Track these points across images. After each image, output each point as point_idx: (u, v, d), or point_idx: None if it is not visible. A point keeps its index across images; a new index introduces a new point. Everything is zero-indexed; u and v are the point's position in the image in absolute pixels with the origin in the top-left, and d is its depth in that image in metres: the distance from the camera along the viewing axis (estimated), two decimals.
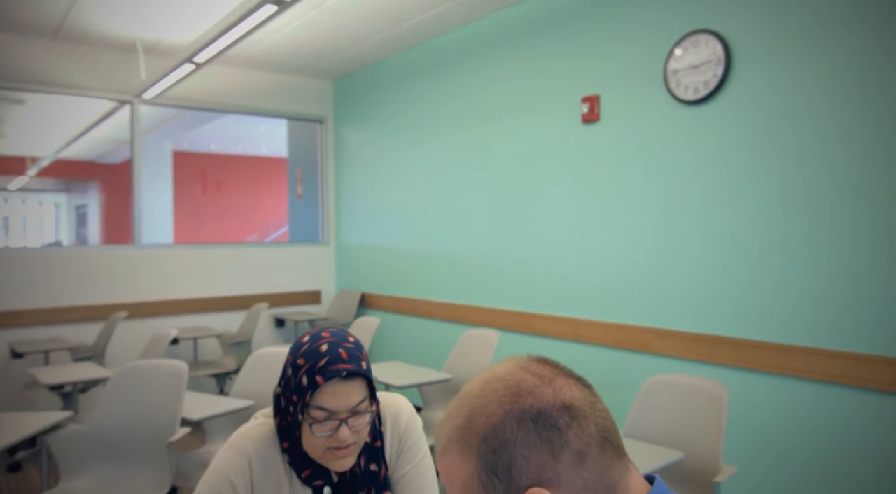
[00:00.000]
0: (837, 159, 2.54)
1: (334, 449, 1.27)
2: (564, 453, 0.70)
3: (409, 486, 1.41)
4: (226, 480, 1.28)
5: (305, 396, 1.24)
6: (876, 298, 2.44)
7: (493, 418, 0.72)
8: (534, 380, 0.73)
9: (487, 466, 0.71)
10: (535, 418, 0.70)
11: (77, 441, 2.53)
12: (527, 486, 0.69)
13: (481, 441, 0.72)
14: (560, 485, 0.69)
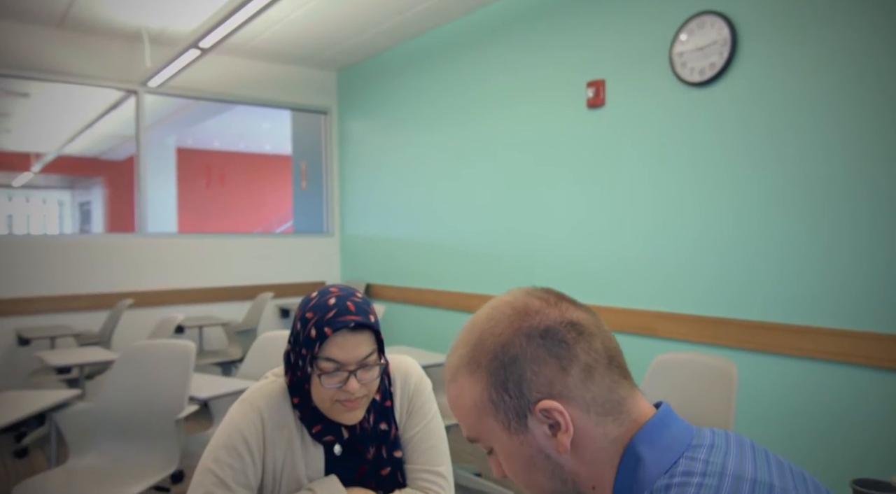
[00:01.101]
0: (842, 139, 2.54)
1: (344, 401, 1.28)
2: (573, 367, 0.70)
3: (420, 445, 1.41)
4: (239, 434, 1.28)
5: (314, 348, 1.25)
6: (880, 276, 2.43)
7: (502, 336, 0.73)
8: (540, 303, 0.75)
9: (498, 383, 0.72)
10: (544, 334, 0.72)
11: (85, 419, 2.54)
12: (537, 400, 0.70)
13: (491, 359, 0.73)
14: (569, 399, 0.70)
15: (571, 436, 0.70)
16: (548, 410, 0.70)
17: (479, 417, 0.75)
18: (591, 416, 0.70)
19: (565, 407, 0.69)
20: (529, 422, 0.71)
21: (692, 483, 0.63)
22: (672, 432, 0.70)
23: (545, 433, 0.71)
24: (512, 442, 0.73)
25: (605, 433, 0.70)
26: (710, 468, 0.64)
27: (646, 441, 0.69)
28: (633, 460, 0.68)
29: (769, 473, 0.66)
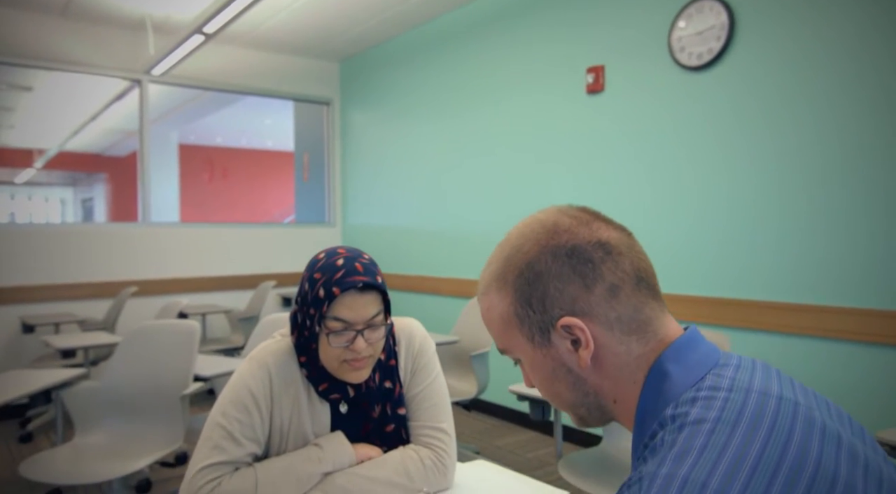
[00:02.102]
0: (839, 120, 2.56)
1: (350, 361, 1.30)
2: (598, 286, 0.71)
3: (423, 403, 1.43)
4: (247, 390, 1.31)
5: (322, 307, 1.26)
6: (878, 253, 2.45)
7: (528, 254, 0.75)
8: (571, 221, 0.75)
9: (522, 298, 0.74)
10: (570, 253, 0.72)
11: (91, 397, 2.56)
12: (560, 316, 0.72)
13: (517, 275, 0.75)
14: (592, 316, 0.71)
15: (592, 352, 0.71)
16: (569, 326, 0.71)
17: (507, 330, 0.77)
18: (615, 334, 0.72)
19: (587, 325, 0.71)
20: (552, 337, 0.73)
21: (718, 397, 0.64)
22: (700, 351, 0.71)
23: (567, 348, 0.73)
24: (536, 355, 0.75)
25: (629, 350, 0.72)
26: (736, 384, 0.65)
27: (673, 359, 0.70)
28: (660, 376, 0.70)
29: (793, 392, 0.67)
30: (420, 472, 1.35)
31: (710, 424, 0.61)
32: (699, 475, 0.57)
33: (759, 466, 0.57)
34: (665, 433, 0.64)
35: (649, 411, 0.69)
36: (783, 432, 0.60)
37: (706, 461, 0.58)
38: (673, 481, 0.57)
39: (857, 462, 0.61)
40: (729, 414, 0.61)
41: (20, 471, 2.20)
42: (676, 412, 0.65)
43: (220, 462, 1.25)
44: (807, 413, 0.63)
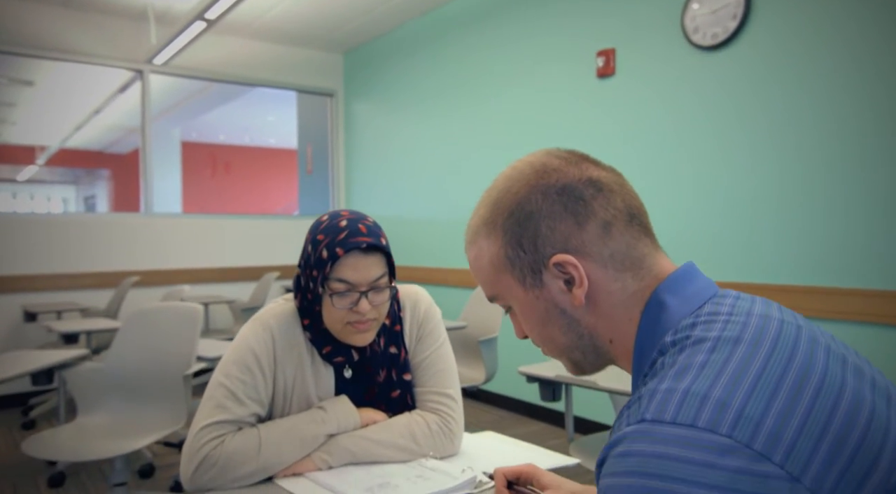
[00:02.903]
0: (858, 96, 2.53)
1: (355, 323, 1.28)
2: (590, 223, 0.70)
3: (429, 369, 1.41)
4: (250, 351, 1.29)
5: (325, 268, 1.25)
6: (887, 234, 2.43)
7: (518, 195, 0.73)
8: (560, 162, 0.74)
9: (513, 239, 0.73)
10: (561, 191, 0.71)
11: (94, 378, 2.54)
12: (551, 254, 0.70)
13: (507, 216, 0.73)
14: (585, 254, 0.70)
15: (586, 290, 0.70)
16: (562, 264, 0.70)
17: (497, 274, 0.75)
18: (609, 271, 0.70)
19: (580, 262, 0.69)
20: (544, 277, 0.72)
21: (719, 320, 0.63)
22: (697, 284, 0.70)
23: (560, 288, 0.71)
24: (528, 298, 0.74)
25: (624, 287, 0.70)
26: (736, 309, 0.64)
27: (669, 290, 0.69)
28: (657, 308, 0.68)
29: (795, 319, 0.66)
30: (426, 437, 1.33)
31: (710, 343, 0.60)
32: (700, 387, 0.55)
33: (762, 376, 0.55)
34: (665, 357, 0.63)
35: (647, 343, 0.68)
36: (787, 347, 0.59)
37: (707, 375, 0.56)
38: (673, 394, 0.56)
39: (864, 379, 0.60)
40: (730, 334, 0.60)
41: (23, 448, 2.18)
42: (676, 337, 0.64)
43: (223, 420, 1.23)
44: (810, 335, 0.62)
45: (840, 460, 0.52)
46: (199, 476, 1.19)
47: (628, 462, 0.54)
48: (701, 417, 0.53)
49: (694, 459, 0.51)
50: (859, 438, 0.53)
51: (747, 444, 0.51)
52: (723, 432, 0.52)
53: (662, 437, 0.54)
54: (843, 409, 0.55)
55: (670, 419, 0.54)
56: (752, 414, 0.52)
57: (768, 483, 0.50)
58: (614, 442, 0.58)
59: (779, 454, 0.51)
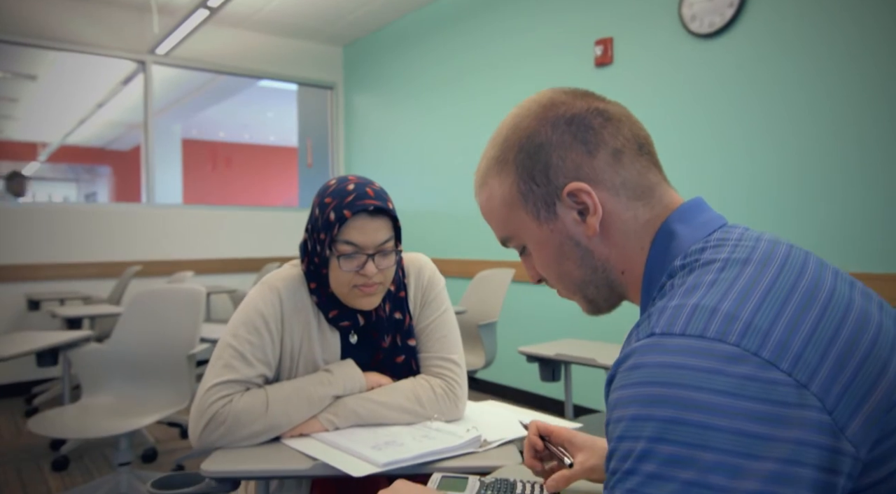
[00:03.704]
0: (853, 82, 2.55)
1: (361, 287, 1.29)
2: (601, 151, 0.71)
3: (434, 335, 1.43)
4: (258, 313, 1.30)
5: (333, 230, 1.26)
6: (886, 217, 2.45)
7: (527, 129, 0.73)
8: (566, 96, 0.75)
9: (525, 173, 0.73)
10: (570, 121, 0.72)
11: (98, 358, 2.56)
12: (564, 184, 0.71)
13: (517, 151, 0.74)
14: (598, 182, 0.70)
15: (600, 218, 0.70)
16: (575, 193, 0.70)
17: (510, 212, 0.75)
18: (621, 199, 0.71)
19: (593, 190, 0.70)
20: (558, 209, 0.72)
21: (728, 244, 0.64)
22: (707, 214, 0.71)
23: (574, 218, 0.72)
24: (542, 232, 0.74)
25: (636, 216, 0.71)
26: (745, 236, 0.65)
27: (679, 220, 0.70)
28: (667, 236, 0.69)
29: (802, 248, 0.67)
30: (431, 400, 1.35)
31: (720, 263, 0.61)
32: (709, 301, 0.56)
33: (770, 292, 0.56)
34: (675, 279, 0.64)
35: (657, 269, 0.69)
36: (795, 267, 0.60)
37: (716, 291, 0.57)
38: (682, 309, 0.57)
39: (871, 300, 0.61)
40: (739, 255, 0.61)
41: (29, 426, 2.20)
42: (685, 261, 0.65)
43: (231, 380, 1.25)
44: (818, 259, 0.63)
45: (847, 369, 0.53)
46: (208, 434, 1.21)
47: (638, 373, 0.55)
48: (710, 328, 0.54)
49: (702, 366, 0.52)
50: (866, 350, 0.54)
51: (755, 352, 0.52)
52: (731, 341, 0.53)
53: (672, 348, 0.55)
54: (851, 323, 0.55)
55: (679, 331, 0.55)
56: (761, 325, 0.53)
57: (776, 389, 0.51)
58: (624, 358, 0.59)
59: (786, 362, 0.52)
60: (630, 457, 0.53)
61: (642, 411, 0.53)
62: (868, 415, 0.52)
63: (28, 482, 2.86)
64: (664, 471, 0.51)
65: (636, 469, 0.52)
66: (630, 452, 0.53)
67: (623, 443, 0.54)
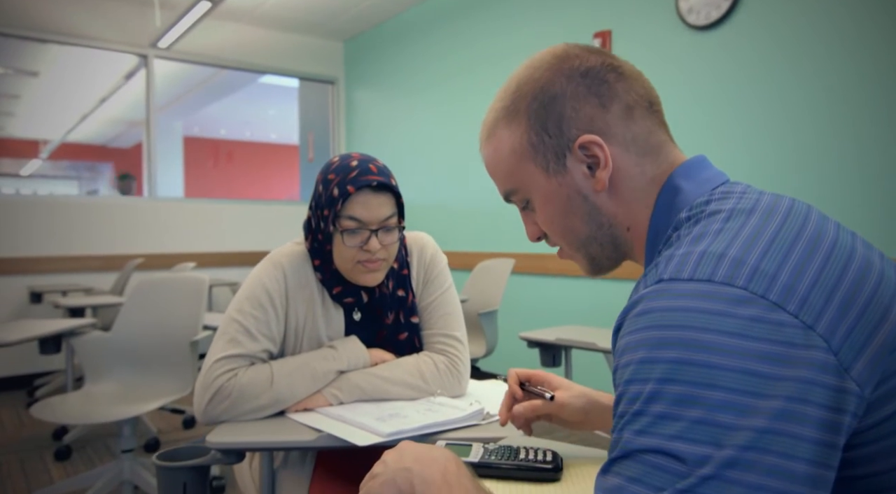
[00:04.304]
0: (849, 72, 2.56)
1: (364, 262, 1.30)
2: (614, 105, 0.71)
3: (436, 312, 1.44)
4: (262, 288, 1.31)
5: (336, 206, 1.27)
6: (883, 206, 2.46)
7: (541, 79, 0.73)
8: (580, 50, 0.75)
9: (537, 123, 0.73)
10: (584, 73, 0.72)
11: (101, 346, 2.56)
12: (576, 137, 0.71)
13: (530, 101, 0.73)
14: (609, 136, 0.71)
15: (610, 172, 0.71)
16: (587, 145, 0.70)
17: (518, 164, 0.75)
18: (631, 155, 0.71)
19: (605, 143, 0.70)
20: (568, 162, 0.72)
21: (732, 196, 0.64)
22: (711, 171, 0.72)
23: (583, 172, 0.72)
24: (550, 185, 0.73)
25: (643, 172, 0.71)
26: (749, 189, 0.66)
27: (684, 176, 0.70)
28: (672, 191, 0.70)
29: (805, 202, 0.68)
30: (434, 375, 1.35)
31: (725, 213, 0.62)
32: (716, 248, 0.57)
33: (776, 239, 0.57)
34: (680, 231, 0.65)
35: (662, 223, 0.69)
36: (799, 217, 0.60)
37: (723, 239, 0.58)
38: (690, 256, 0.58)
39: (873, 250, 0.62)
40: (744, 206, 0.62)
41: (32, 412, 2.21)
42: (691, 213, 0.65)
43: (236, 354, 1.25)
44: (821, 212, 0.64)
45: (851, 312, 0.53)
46: (213, 407, 1.22)
47: (646, 318, 0.56)
48: (718, 272, 0.55)
49: (710, 309, 0.53)
50: (869, 294, 0.55)
51: (763, 295, 0.53)
52: (739, 284, 0.53)
53: (680, 292, 0.55)
54: (854, 269, 0.56)
55: (688, 276, 0.56)
56: (768, 269, 0.54)
57: (783, 330, 0.51)
58: (631, 305, 0.60)
59: (793, 304, 0.52)
60: (639, 399, 0.54)
61: (650, 354, 0.54)
62: (872, 356, 0.53)
63: (31, 471, 2.87)
64: (672, 411, 0.51)
65: (645, 410, 0.53)
66: (638, 394, 0.54)
67: (631, 386, 0.55)
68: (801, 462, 0.49)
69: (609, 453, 0.57)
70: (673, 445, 0.51)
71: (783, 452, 0.49)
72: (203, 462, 1.13)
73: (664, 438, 0.51)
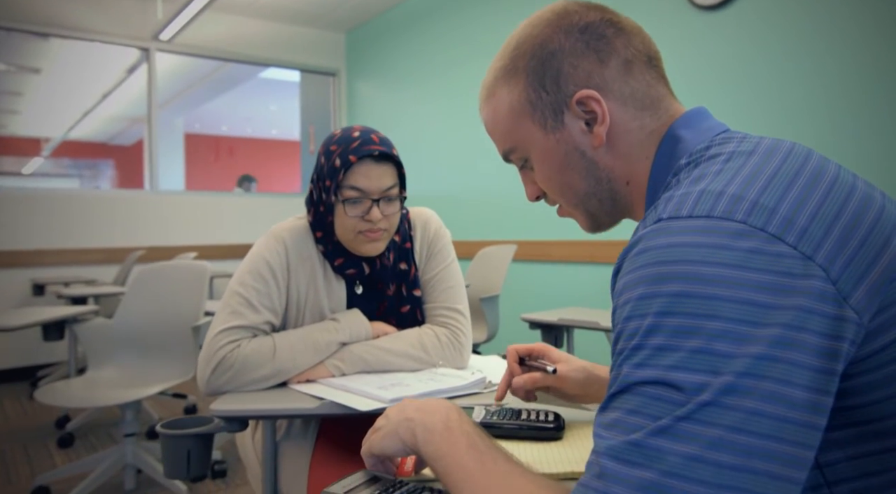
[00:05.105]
0: (857, 52, 2.55)
1: (366, 232, 1.30)
2: (612, 60, 0.71)
3: (439, 285, 1.44)
4: (264, 261, 1.32)
5: (338, 175, 1.27)
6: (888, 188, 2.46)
7: (540, 36, 0.74)
8: (579, 7, 0.75)
9: (535, 80, 0.73)
10: (583, 29, 0.72)
11: (104, 332, 2.57)
12: (574, 92, 0.71)
13: (529, 58, 0.74)
14: (607, 91, 0.71)
15: (607, 127, 0.71)
16: (584, 100, 0.70)
17: (517, 121, 0.75)
18: (629, 110, 0.71)
19: (603, 98, 0.70)
20: (566, 118, 0.72)
21: (733, 140, 0.64)
22: (711, 121, 0.72)
23: (581, 128, 0.72)
24: (548, 142, 0.74)
25: (642, 126, 0.71)
26: (749, 135, 0.66)
27: (684, 126, 0.70)
28: (672, 141, 0.70)
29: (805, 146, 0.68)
30: (436, 347, 1.36)
31: (725, 155, 0.62)
32: (716, 186, 0.57)
33: (776, 176, 0.57)
34: (680, 175, 0.65)
35: (662, 171, 0.69)
36: (800, 156, 0.60)
37: (722, 178, 0.58)
38: (689, 196, 0.58)
39: (875, 188, 0.62)
40: (744, 148, 0.62)
41: (35, 397, 2.21)
42: (690, 159, 0.66)
43: (238, 325, 1.26)
44: (821, 154, 0.64)
45: (851, 243, 0.53)
46: (216, 378, 1.22)
47: (645, 256, 0.56)
48: (717, 208, 0.55)
49: (708, 243, 0.53)
50: (870, 226, 0.55)
51: (761, 228, 0.53)
52: (738, 219, 0.53)
53: (678, 229, 0.55)
54: (855, 201, 0.56)
55: (686, 213, 0.56)
56: (767, 204, 0.54)
57: (781, 260, 0.51)
58: (631, 245, 0.60)
59: (792, 236, 0.52)
60: (637, 334, 0.54)
61: (649, 289, 0.54)
62: (871, 285, 0.53)
63: (35, 458, 2.88)
64: (671, 342, 0.51)
65: (643, 343, 0.53)
66: (637, 329, 0.54)
67: (630, 323, 0.55)
68: (800, 389, 0.49)
69: (608, 390, 0.57)
70: (671, 375, 0.51)
71: (781, 378, 0.49)
72: (207, 429, 1.14)
73: (662, 369, 0.51)
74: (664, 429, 0.50)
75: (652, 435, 0.50)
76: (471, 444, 0.66)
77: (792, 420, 0.49)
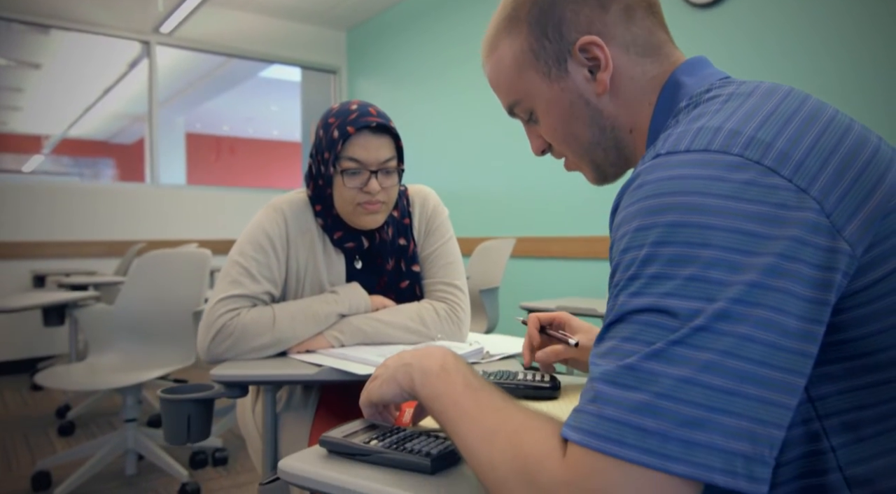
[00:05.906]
0: (853, 49, 2.57)
1: (364, 204, 1.32)
2: (613, 6, 0.72)
3: (437, 261, 1.45)
4: (263, 232, 1.33)
5: (337, 147, 1.29)
6: None
7: None
8: None
9: (537, 29, 0.74)
10: None
11: (105, 318, 2.58)
12: (576, 39, 0.72)
13: (529, 7, 0.75)
14: (609, 37, 0.72)
15: (611, 74, 0.72)
16: (587, 47, 0.71)
17: (520, 72, 0.76)
18: (631, 56, 0.72)
19: (605, 45, 0.71)
20: (569, 66, 0.73)
21: (733, 84, 0.66)
22: (711, 68, 0.73)
23: (585, 76, 0.73)
24: (552, 91, 0.75)
25: (644, 72, 0.72)
26: (748, 81, 0.67)
27: (686, 72, 0.71)
28: (674, 87, 0.71)
29: None
30: (435, 321, 1.37)
31: (724, 96, 0.63)
32: (714, 123, 0.58)
33: (774, 113, 0.58)
34: (679, 116, 0.66)
35: (663, 115, 0.71)
36: (798, 97, 0.62)
37: (721, 116, 0.59)
38: (687, 132, 0.59)
39: (871, 131, 0.63)
40: (743, 90, 0.63)
41: (37, 380, 2.22)
42: (690, 101, 0.67)
43: (238, 294, 1.27)
44: (820, 99, 0.65)
45: (846, 177, 0.55)
46: (216, 346, 1.24)
47: (642, 190, 0.57)
48: (714, 143, 0.56)
49: (704, 175, 0.54)
50: (865, 162, 0.56)
51: (758, 161, 0.54)
52: (734, 152, 0.54)
53: (676, 162, 0.56)
54: (851, 139, 0.58)
55: (684, 148, 0.57)
56: (764, 138, 0.55)
57: (776, 192, 0.52)
58: (629, 181, 0.61)
59: (787, 169, 0.53)
60: (633, 265, 0.55)
61: (645, 221, 0.55)
62: (864, 219, 0.54)
63: (35, 446, 2.89)
64: (666, 270, 0.52)
65: (639, 273, 0.54)
66: (634, 260, 0.55)
67: (627, 254, 0.56)
68: (792, 317, 0.50)
69: (604, 321, 0.58)
70: (665, 302, 0.52)
71: (774, 306, 0.50)
72: (207, 395, 1.15)
73: (657, 296, 0.52)
74: (658, 353, 0.51)
75: (645, 359, 0.51)
76: (466, 384, 0.67)
77: (784, 348, 0.50)
